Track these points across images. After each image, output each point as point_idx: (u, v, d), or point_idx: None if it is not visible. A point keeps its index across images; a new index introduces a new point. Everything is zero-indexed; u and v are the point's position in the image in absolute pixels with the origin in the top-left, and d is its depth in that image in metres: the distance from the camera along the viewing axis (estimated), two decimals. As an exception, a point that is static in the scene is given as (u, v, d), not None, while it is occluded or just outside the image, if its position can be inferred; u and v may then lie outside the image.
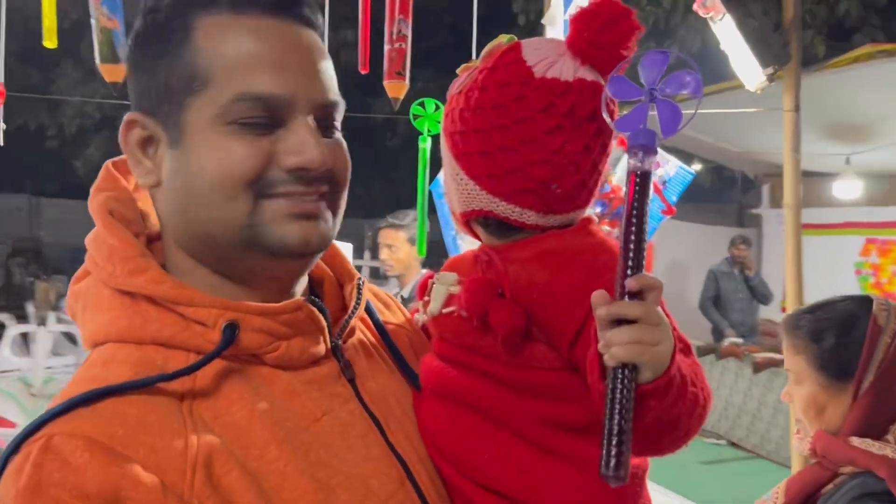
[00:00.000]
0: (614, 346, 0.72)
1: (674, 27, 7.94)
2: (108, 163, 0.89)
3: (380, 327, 0.96)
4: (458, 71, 0.95)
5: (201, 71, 0.78)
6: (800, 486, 1.48)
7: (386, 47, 2.04)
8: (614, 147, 0.94)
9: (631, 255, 0.76)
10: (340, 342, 0.87)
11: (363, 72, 2.11)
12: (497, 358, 0.87)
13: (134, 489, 0.67)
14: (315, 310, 0.82)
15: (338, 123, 0.85)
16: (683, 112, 0.78)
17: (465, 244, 2.38)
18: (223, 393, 0.77)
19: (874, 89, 5.25)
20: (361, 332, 0.95)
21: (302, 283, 0.88)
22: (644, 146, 0.77)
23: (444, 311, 0.91)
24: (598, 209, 2.33)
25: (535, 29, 10.02)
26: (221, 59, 0.78)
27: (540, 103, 0.86)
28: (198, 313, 0.77)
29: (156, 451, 0.69)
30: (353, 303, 0.90)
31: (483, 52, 0.92)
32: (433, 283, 0.95)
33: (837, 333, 1.51)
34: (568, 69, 0.87)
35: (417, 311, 1.00)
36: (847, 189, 6.81)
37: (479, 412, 0.88)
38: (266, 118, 0.77)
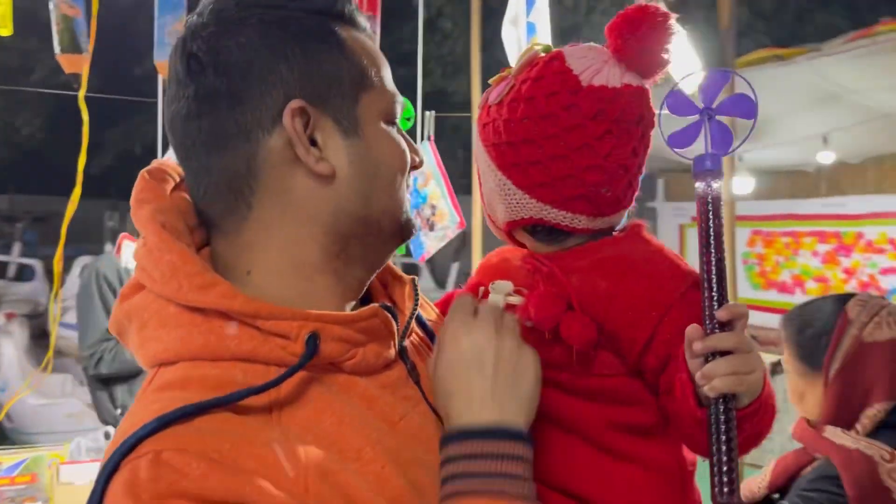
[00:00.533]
0: (715, 378, 0.75)
1: (574, 26, 8.21)
2: (144, 172, 0.85)
3: (424, 326, 0.97)
4: (491, 81, 0.96)
5: (367, 71, 0.82)
6: (783, 467, 1.62)
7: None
8: None
9: (714, 284, 0.78)
10: (405, 344, 0.88)
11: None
12: (564, 367, 0.88)
13: (259, 495, 0.66)
14: (388, 315, 0.82)
15: None
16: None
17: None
18: (309, 403, 0.76)
19: (766, 91, 5.61)
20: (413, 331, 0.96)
21: None
22: (712, 171, 0.80)
23: None
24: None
25: (436, 23, 10.09)
26: (373, 65, 0.83)
27: (590, 111, 0.88)
28: (279, 326, 0.75)
29: (267, 463, 0.68)
30: (411, 303, 0.90)
31: (520, 62, 0.93)
32: (486, 290, 0.92)
33: (815, 325, 1.63)
34: (615, 76, 0.89)
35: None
36: (742, 185, 7.27)
37: (548, 419, 0.87)
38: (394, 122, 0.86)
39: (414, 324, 0.94)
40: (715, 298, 0.78)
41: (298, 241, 0.81)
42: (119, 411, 3.16)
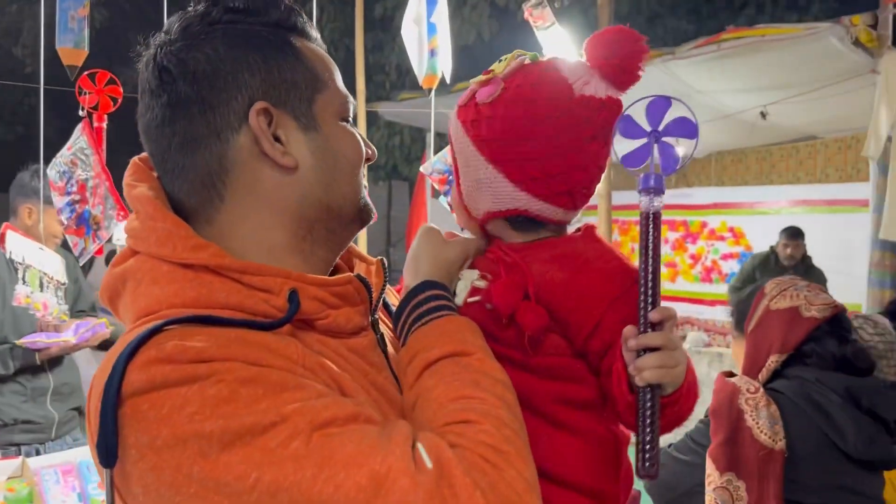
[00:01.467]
0: (644, 371, 0.87)
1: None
2: (136, 158, 0.93)
3: (386, 304, 1.08)
4: (476, 81, 1.03)
5: (320, 75, 0.92)
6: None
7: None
8: None
9: (650, 288, 0.88)
10: (377, 317, 0.98)
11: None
12: (517, 346, 0.97)
13: (268, 355, 0.77)
14: (362, 284, 0.92)
15: None
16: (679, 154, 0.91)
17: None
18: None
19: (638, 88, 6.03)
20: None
21: None
22: (655, 189, 0.88)
23: (470, 300, 0.99)
24: (450, 197, 2.52)
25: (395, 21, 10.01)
26: (325, 70, 0.94)
27: (581, 117, 0.98)
28: (264, 282, 0.84)
29: (272, 360, 0.77)
30: (379, 281, 1.00)
31: (508, 67, 1.01)
32: (457, 279, 1.03)
33: (746, 301, 2.03)
34: (600, 88, 0.99)
35: None
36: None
37: None
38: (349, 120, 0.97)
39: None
40: (649, 301, 0.88)
41: (268, 226, 0.89)
42: None
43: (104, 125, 2.10)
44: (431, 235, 1.04)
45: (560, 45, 2.66)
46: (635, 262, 0.98)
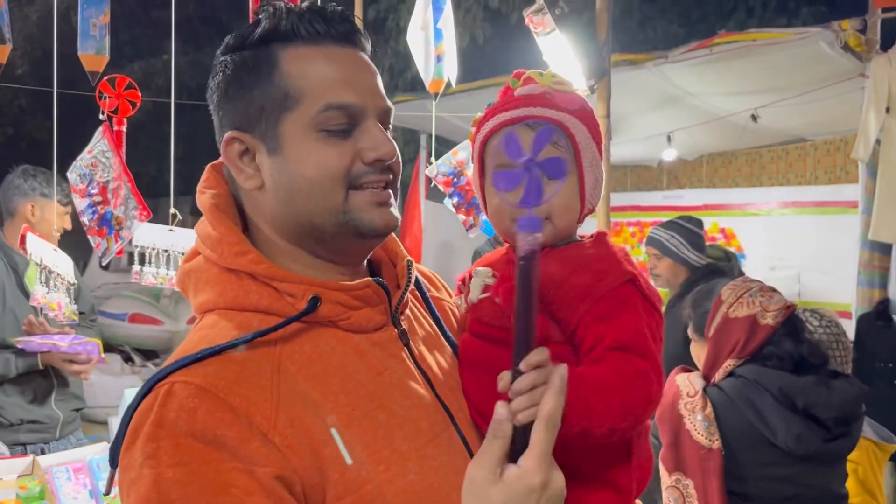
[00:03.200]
0: (517, 413, 0.86)
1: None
2: (210, 165, 1.04)
3: (427, 301, 1.15)
4: (557, 85, 1.08)
5: (293, 91, 0.95)
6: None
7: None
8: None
9: (524, 332, 0.86)
10: (398, 313, 1.05)
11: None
12: None
13: (228, 429, 0.85)
14: (380, 287, 1.01)
15: (390, 126, 1.05)
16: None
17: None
18: (307, 350, 0.95)
19: (618, 92, 6.08)
20: (413, 304, 1.13)
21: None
22: (534, 228, 0.85)
23: (482, 296, 1.08)
24: (455, 199, 2.58)
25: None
26: (308, 80, 0.95)
27: None
28: (290, 288, 0.95)
29: (249, 399, 0.87)
30: (404, 280, 1.08)
31: (561, 79, 1.10)
32: (471, 277, 1.11)
33: (704, 306, 2.21)
34: None
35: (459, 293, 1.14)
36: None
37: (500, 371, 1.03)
38: (346, 124, 0.96)
39: (413, 298, 1.12)
40: (522, 346, 0.87)
41: (271, 236, 1.02)
42: None
43: (124, 128, 2.14)
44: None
45: (559, 50, 2.72)
46: (628, 266, 1.05)
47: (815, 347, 2.08)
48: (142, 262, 2.55)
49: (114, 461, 0.89)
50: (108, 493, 0.97)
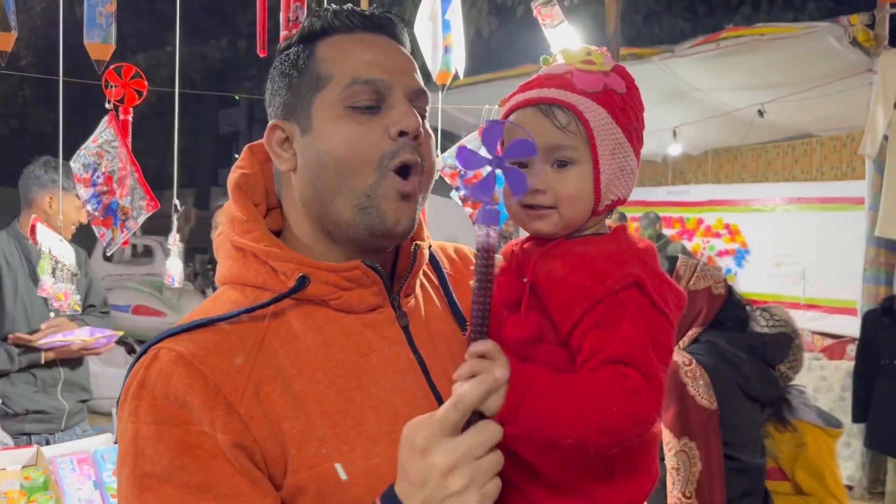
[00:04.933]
0: (465, 396, 0.84)
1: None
2: (249, 145, 1.08)
3: (442, 280, 1.13)
4: (582, 65, 1.00)
5: (324, 72, 0.97)
6: None
7: (282, 32, 2.13)
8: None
9: (480, 321, 0.86)
10: (398, 295, 1.04)
11: (262, 55, 2.18)
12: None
13: (195, 395, 0.89)
14: (369, 269, 0.99)
15: (427, 114, 1.02)
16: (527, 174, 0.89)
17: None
18: (294, 326, 0.96)
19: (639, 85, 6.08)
20: (428, 287, 1.11)
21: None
22: (493, 221, 0.84)
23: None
24: (462, 192, 2.56)
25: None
26: (338, 61, 0.98)
27: None
28: (282, 266, 0.98)
29: (222, 369, 0.91)
30: (408, 264, 1.06)
31: (605, 57, 1.01)
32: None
33: None
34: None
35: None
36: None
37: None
38: (374, 100, 0.96)
39: (426, 280, 1.12)
40: (477, 334, 0.87)
41: (297, 219, 1.04)
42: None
43: (130, 118, 2.13)
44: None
45: (568, 42, 2.70)
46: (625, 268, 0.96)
47: (745, 311, 2.46)
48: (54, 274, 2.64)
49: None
50: None
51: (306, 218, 1.02)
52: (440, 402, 0.98)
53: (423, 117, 1.01)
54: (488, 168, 0.87)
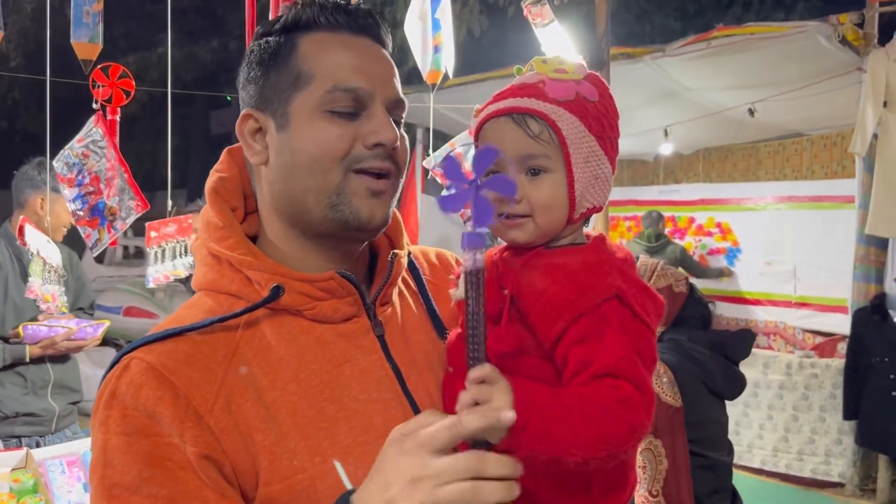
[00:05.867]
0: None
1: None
2: (228, 148, 1.07)
3: (421, 286, 1.12)
4: (552, 73, 1.00)
5: (305, 72, 0.97)
6: None
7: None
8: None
9: (475, 344, 0.82)
10: (374, 305, 1.03)
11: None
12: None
13: (165, 407, 0.89)
14: (344, 280, 0.99)
15: (402, 121, 1.03)
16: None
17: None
18: (267, 336, 0.96)
19: (616, 86, 6.06)
20: (404, 292, 1.10)
21: (363, 250, 1.06)
22: (479, 246, 0.81)
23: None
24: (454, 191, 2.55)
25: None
26: (320, 63, 0.98)
27: None
28: (256, 276, 0.97)
29: (192, 380, 0.90)
30: (385, 273, 1.05)
31: (576, 66, 1.02)
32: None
33: None
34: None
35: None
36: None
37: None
38: (353, 107, 0.97)
39: (405, 287, 1.10)
40: (472, 359, 0.83)
41: (268, 216, 1.03)
42: None
43: (117, 118, 2.12)
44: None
45: (558, 41, 2.70)
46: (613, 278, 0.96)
47: (707, 308, 2.50)
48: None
49: None
50: None
51: (276, 215, 1.02)
52: (416, 411, 0.98)
53: (398, 125, 1.02)
54: (464, 186, 0.82)
